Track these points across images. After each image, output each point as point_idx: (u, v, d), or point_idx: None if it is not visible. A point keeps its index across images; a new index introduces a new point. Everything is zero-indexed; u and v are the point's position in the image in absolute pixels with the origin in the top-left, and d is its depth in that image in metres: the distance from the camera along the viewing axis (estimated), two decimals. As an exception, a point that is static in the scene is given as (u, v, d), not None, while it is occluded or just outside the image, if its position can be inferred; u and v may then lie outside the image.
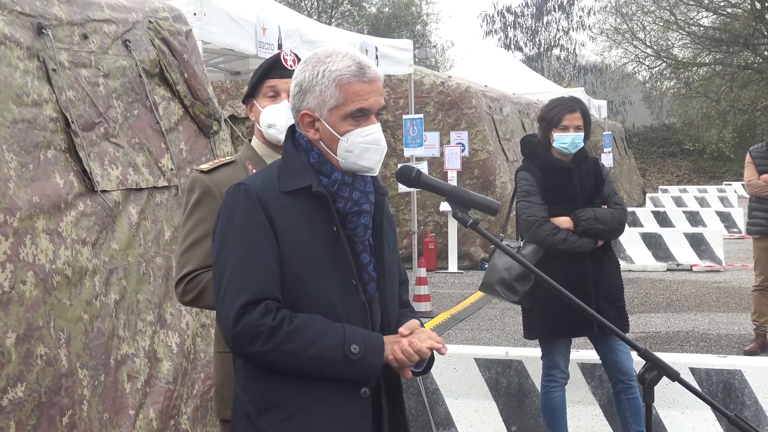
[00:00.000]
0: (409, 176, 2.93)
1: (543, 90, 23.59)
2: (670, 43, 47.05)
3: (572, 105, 5.69)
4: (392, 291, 2.91)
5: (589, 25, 53.80)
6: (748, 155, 9.32)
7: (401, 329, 2.75)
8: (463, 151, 15.30)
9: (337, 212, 2.75)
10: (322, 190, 2.73)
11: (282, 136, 3.63)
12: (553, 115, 5.68)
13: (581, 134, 5.67)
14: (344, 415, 2.71)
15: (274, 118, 3.70)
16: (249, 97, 3.82)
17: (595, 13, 53.27)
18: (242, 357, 2.72)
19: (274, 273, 2.66)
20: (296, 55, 3.78)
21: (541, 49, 54.72)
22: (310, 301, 2.68)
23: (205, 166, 3.71)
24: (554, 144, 5.68)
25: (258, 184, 2.74)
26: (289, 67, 3.71)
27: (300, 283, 2.68)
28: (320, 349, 2.62)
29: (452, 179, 14.65)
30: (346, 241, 2.74)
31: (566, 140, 5.63)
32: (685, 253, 15.65)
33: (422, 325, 2.85)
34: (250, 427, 2.74)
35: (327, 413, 2.70)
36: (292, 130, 2.87)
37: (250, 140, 3.87)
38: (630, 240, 15.64)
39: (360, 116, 2.75)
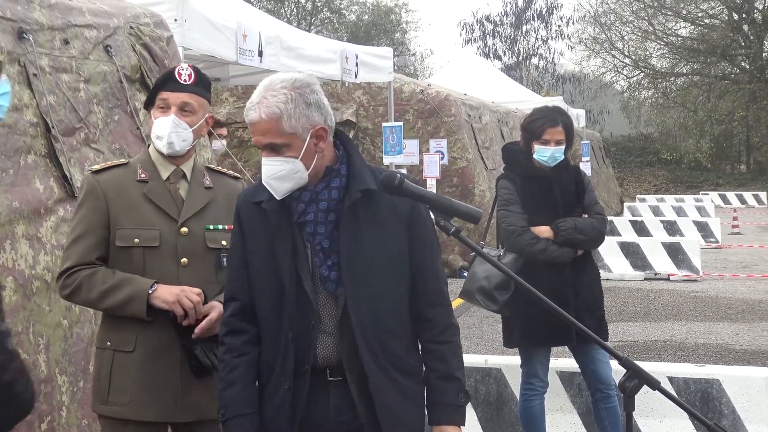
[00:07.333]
0: (393, 184, 2.96)
1: (522, 99, 23.65)
2: (648, 53, 47.33)
3: (555, 118, 5.66)
4: (369, 290, 3.02)
5: (567, 35, 54.03)
6: None
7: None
8: (442, 159, 15.32)
9: (295, 213, 3.05)
10: (268, 206, 3.04)
11: (166, 150, 3.70)
12: (535, 127, 5.66)
13: (561, 148, 5.65)
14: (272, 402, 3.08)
15: (162, 129, 3.70)
16: (149, 105, 3.83)
17: (573, 23, 53.50)
18: None
19: (239, 276, 3.15)
20: (194, 69, 3.78)
21: (520, 58, 54.88)
22: (262, 291, 3.09)
23: (97, 167, 3.77)
24: (534, 156, 5.67)
25: (243, 194, 3.26)
26: (183, 82, 3.71)
27: (256, 277, 3.10)
28: None
29: (431, 187, 14.65)
30: (300, 242, 3.03)
31: (546, 154, 5.63)
32: (662, 263, 15.71)
33: None
34: None
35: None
36: None
37: (149, 146, 3.87)
38: (608, 249, 15.67)
39: None
